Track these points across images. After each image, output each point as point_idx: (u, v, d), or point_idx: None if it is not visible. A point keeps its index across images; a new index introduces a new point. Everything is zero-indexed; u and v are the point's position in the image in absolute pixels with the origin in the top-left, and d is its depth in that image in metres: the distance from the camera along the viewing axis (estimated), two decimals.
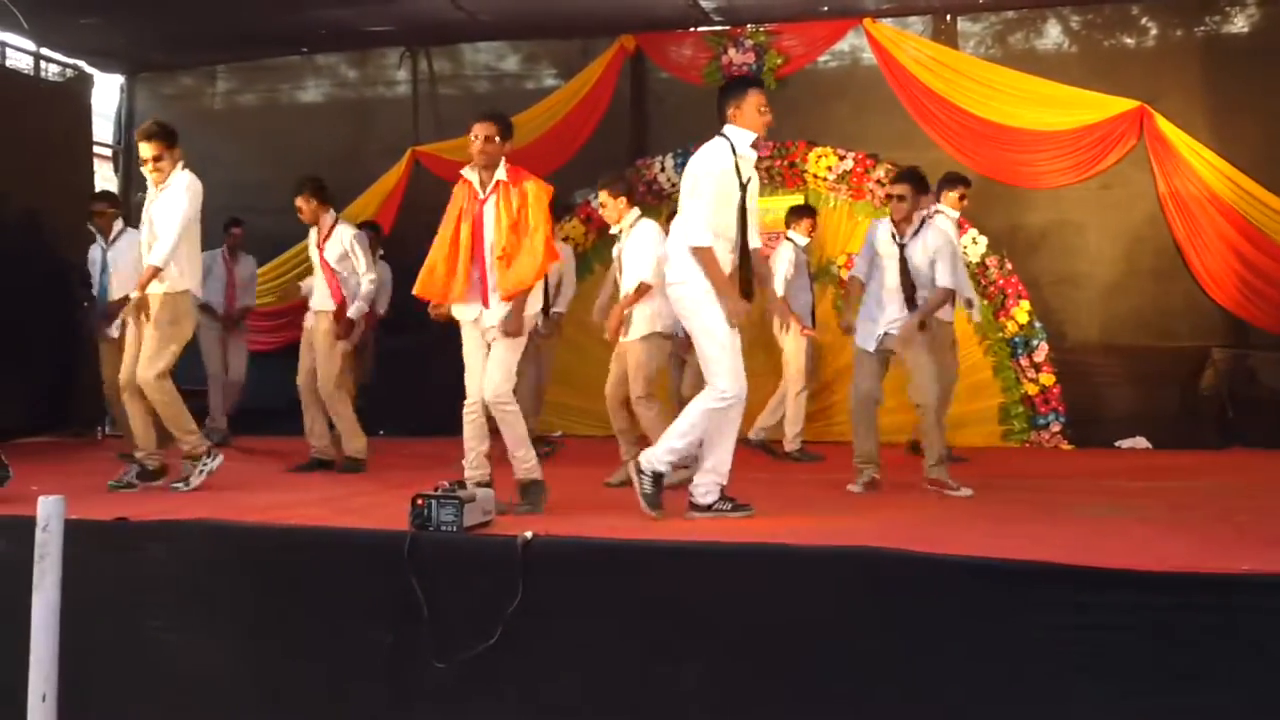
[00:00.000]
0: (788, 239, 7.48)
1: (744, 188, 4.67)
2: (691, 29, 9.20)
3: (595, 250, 9.16)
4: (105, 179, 11.02)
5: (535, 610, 3.73)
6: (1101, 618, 3.27)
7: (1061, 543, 3.91)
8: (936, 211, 6.70)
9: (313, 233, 6.83)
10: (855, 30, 8.86)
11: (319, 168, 9.77)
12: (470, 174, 4.93)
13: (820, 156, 8.70)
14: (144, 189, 10.85)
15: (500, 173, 4.86)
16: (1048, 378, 8.21)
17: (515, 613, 3.72)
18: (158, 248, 5.51)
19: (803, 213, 7.64)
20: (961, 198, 7.04)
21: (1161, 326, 8.37)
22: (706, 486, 4.64)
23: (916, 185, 5.84)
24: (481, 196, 4.87)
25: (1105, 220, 8.43)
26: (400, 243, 9.50)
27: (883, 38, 8.70)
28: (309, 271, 9.72)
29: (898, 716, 3.42)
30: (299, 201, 6.73)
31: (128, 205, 10.94)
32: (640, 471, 4.62)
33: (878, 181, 8.51)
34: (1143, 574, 3.37)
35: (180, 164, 5.66)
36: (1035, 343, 8.25)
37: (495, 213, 4.82)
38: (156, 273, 5.50)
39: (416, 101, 10.09)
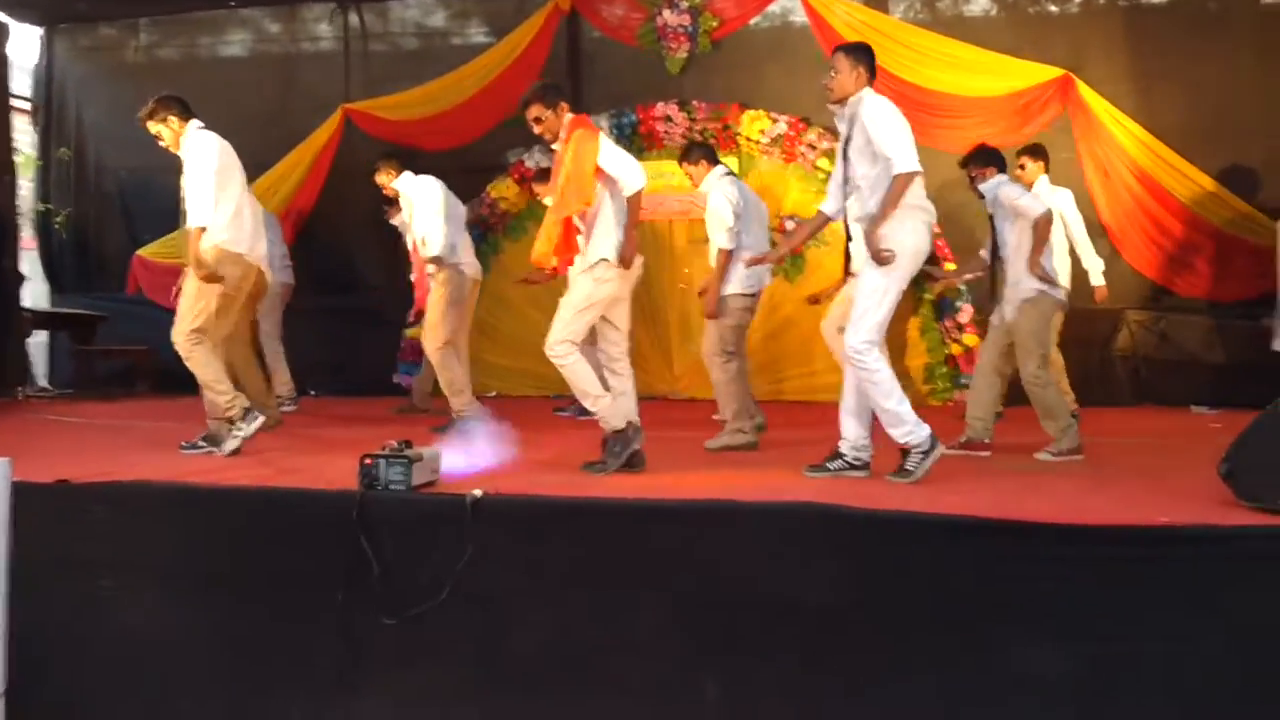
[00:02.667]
0: None
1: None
2: None
3: (530, 210, 9.15)
4: (23, 132, 10.72)
5: (484, 568, 3.81)
6: (1030, 569, 3.45)
7: (990, 498, 4.08)
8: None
9: None
10: None
11: (246, 123, 9.61)
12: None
13: (754, 119, 8.78)
14: (64, 144, 10.67)
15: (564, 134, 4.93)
16: (971, 338, 8.44)
17: (464, 570, 3.80)
18: (195, 210, 5.39)
19: None
20: None
21: (1080, 289, 8.62)
22: None
23: None
24: None
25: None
26: (335, 201, 9.46)
27: (816, 2, 8.78)
28: None
29: (840, 664, 3.57)
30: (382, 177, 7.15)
31: (47, 162, 10.69)
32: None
33: (809, 145, 8.62)
34: (1067, 527, 3.55)
35: (188, 128, 5.53)
36: (959, 305, 8.47)
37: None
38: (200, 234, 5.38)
39: (347, 58, 9.96)
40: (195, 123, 5.58)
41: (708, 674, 3.70)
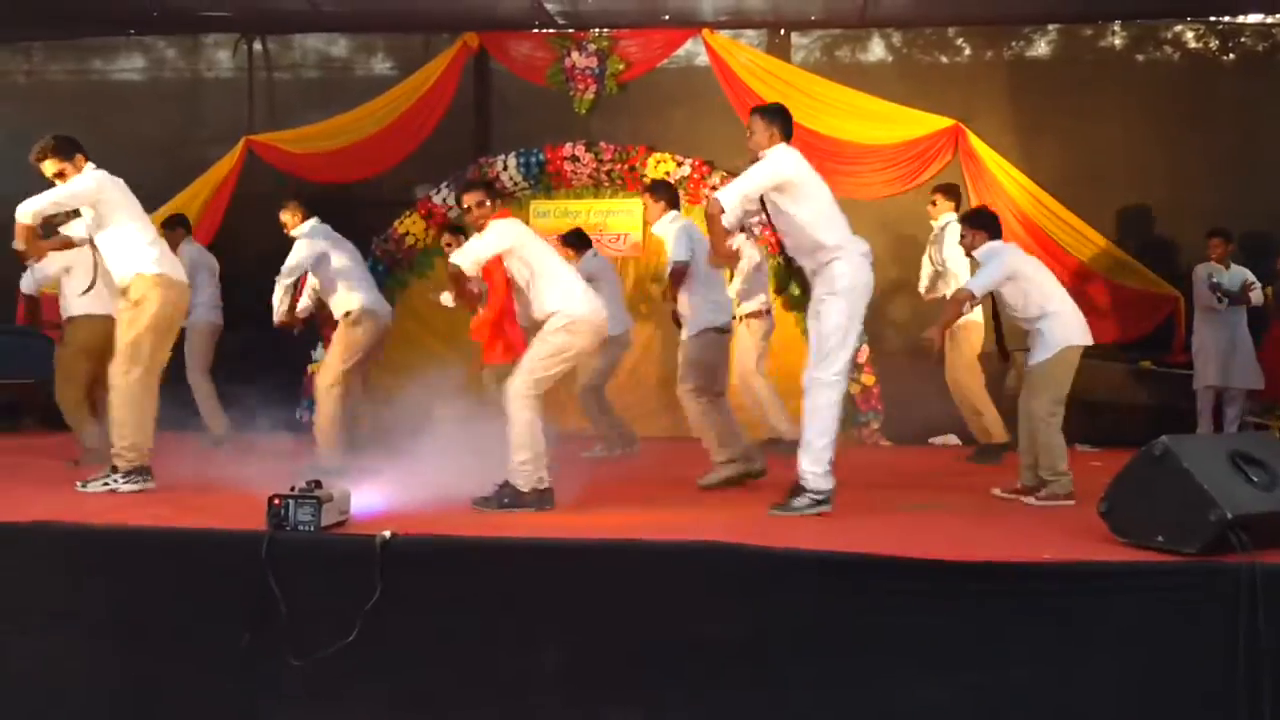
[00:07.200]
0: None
1: None
2: (535, 30, 9.32)
3: (438, 247, 9.16)
4: None
5: (394, 607, 3.82)
6: (924, 604, 3.62)
7: (888, 535, 4.24)
8: None
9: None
10: (694, 39, 9.17)
11: (144, 151, 9.51)
12: None
13: (659, 161, 8.96)
14: None
15: None
16: (869, 378, 8.69)
17: (373, 610, 3.81)
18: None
19: None
20: None
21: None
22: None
23: None
24: None
25: (923, 231, 8.94)
26: (236, 233, 9.33)
27: (720, 48, 9.03)
28: None
29: (742, 699, 3.68)
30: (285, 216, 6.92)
31: None
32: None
33: (712, 188, 8.83)
34: (957, 563, 3.72)
35: (87, 167, 5.46)
36: (858, 345, 8.71)
37: None
38: None
39: (251, 88, 9.87)
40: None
41: (613, 709, 3.77)
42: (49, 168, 5.41)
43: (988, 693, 3.55)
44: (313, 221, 6.93)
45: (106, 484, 5.28)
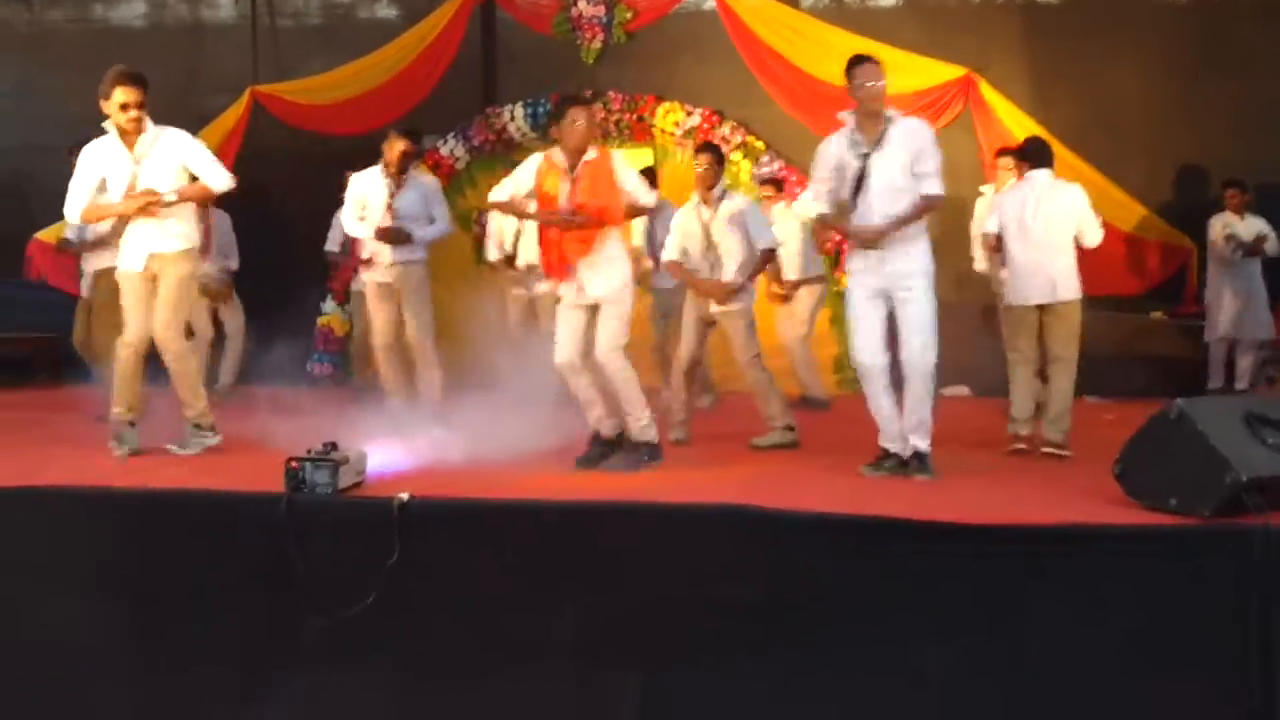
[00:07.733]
0: None
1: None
2: None
3: (447, 195, 9.10)
4: None
5: (412, 569, 3.86)
6: (938, 566, 3.65)
7: (902, 498, 4.25)
8: None
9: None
10: None
11: (149, 101, 9.38)
12: None
13: (668, 111, 8.87)
14: None
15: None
16: None
17: (391, 572, 3.84)
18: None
19: None
20: None
21: (982, 283, 8.93)
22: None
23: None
24: None
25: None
26: (242, 186, 9.25)
27: None
28: None
29: (756, 662, 3.72)
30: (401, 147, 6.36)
31: None
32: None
33: (722, 138, 8.74)
34: (970, 526, 3.74)
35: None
36: None
37: None
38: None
39: (255, 37, 9.75)
40: None
41: (628, 670, 3.81)
42: (127, 95, 5.22)
43: (1001, 654, 3.59)
44: None
45: (204, 443, 5.27)
